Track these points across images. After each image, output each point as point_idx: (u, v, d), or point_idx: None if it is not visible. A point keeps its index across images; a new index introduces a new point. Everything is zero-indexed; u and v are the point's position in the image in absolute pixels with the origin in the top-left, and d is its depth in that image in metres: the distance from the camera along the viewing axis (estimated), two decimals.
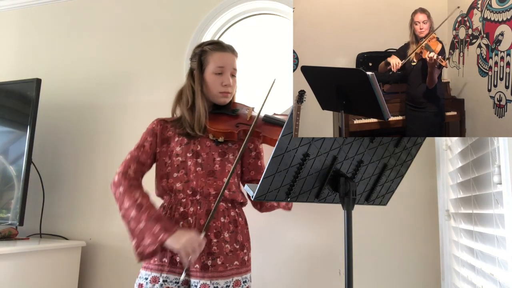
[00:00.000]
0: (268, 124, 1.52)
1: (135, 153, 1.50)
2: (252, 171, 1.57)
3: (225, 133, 1.46)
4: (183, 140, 1.50)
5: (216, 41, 1.58)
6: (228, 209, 1.47)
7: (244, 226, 1.50)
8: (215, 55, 1.52)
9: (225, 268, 1.38)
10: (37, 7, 2.63)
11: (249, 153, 1.58)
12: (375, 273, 1.78)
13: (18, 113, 2.25)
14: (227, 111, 1.55)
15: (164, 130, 1.54)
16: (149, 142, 1.52)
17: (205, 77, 1.52)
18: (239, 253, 1.43)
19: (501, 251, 0.97)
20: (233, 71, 1.55)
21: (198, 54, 1.54)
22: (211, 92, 1.52)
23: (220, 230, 1.42)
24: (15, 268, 1.81)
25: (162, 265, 1.40)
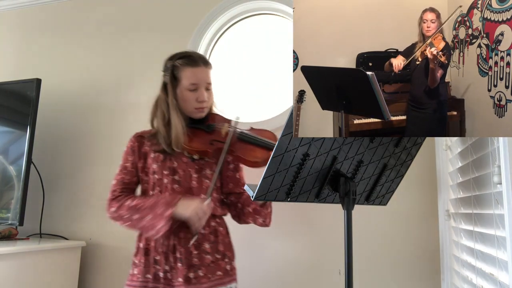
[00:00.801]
0: (242, 142, 1.47)
1: (119, 176, 1.50)
2: (230, 183, 1.54)
3: (199, 151, 1.44)
4: (159, 157, 1.47)
5: (187, 54, 1.51)
6: (208, 220, 1.43)
7: (225, 236, 1.48)
8: (187, 71, 1.46)
9: (208, 279, 1.38)
10: (37, 7, 2.63)
11: (227, 166, 1.54)
12: (375, 273, 1.78)
13: (18, 113, 2.25)
14: (203, 126, 1.51)
15: (141, 145, 1.52)
16: (130, 161, 1.51)
17: (179, 93, 1.47)
18: (221, 263, 1.42)
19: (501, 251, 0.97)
20: (208, 85, 1.49)
21: (170, 69, 1.49)
22: (186, 108, 1.48)
23: (201, 241, 1.40)
24: (15, 268, 1.81)
25: (146, 281, 1.39)
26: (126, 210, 1.41)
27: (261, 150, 1.44)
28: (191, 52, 1.54)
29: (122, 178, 1.49)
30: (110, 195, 1.47)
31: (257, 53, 2.20)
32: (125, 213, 1.41)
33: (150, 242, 1.43)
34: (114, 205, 1.44)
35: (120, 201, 1.44)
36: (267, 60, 2.17)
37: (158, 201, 1.38)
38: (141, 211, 1.38)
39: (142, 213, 1.38)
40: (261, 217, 1.45)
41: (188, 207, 1.34)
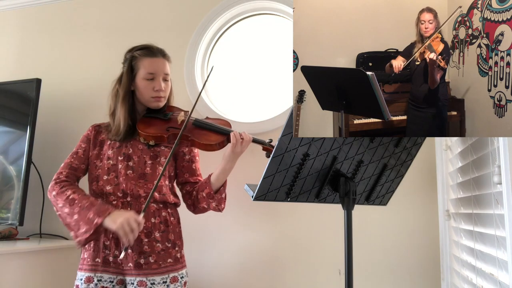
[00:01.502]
0: (198, 128, 1.53)
1: (68, 160, 1.55)
2: (186, 173, 1.59)
3: (155, 137, 1.49)
4: (115, 144, 1.53)
5: (146, 46, 1.56)
6: (159, 209, 1.49)
7: (176, 225, 1.52)
8: (145, 61, 1.52)
9: (159, 266, 1.43)
10: (37, 7, 2.63)
11: (183, 157, 1.59)
12: (375, 273, 1.78)
13: (18, 113, 2.25)
14: (159, 115, 1.56)
15: (97, 134, 1.58)
16: (82, 148, 1.56)
17: (136, 82, 1.53)
18: (172, 251, 1.47)
19: (501, 251, 0.97)
20: (165, 76, 1.54)
21: (129, 60, 1.55)
22: (144, 97, 1.53)
23: (151, 230, 1.45)
24: (15, 268, 1.81)
25: (96, 265, 1.44)
26: (63, 200, 1.44)
27: (215, 134, 1.52)
28: (150, 45, 1.58)
29: (71, 163, 1.54)
30: (55, 177, 1.51)
31: (257, 53, 2.20)
32: (60, 203, 1.45)
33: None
34: (55, 189, 1.47)
35: (62, 188, 1.47)
36: (267, 60, 2.17)
37: (92, 205, 1.40)
38: (74, 207, 1.41)
39: (73, 209, 1.41)
40: (215, 201, 1.50)
41: (117, 219, 1.34)
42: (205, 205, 1.52)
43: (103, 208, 1.39)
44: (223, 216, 1.78)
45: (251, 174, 1.54)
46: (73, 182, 1.52)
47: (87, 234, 1.36)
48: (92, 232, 1.35)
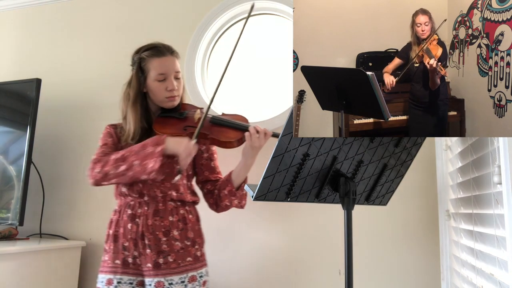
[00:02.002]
0: (215, 126, 1.50)
1: (100, 150, 1.50)
2: (206, 171, 1.57)
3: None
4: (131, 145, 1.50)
5: (153, 45, 1.53)
6: (177, 207, 1.47)
7: (195, 223, 1.51)
8: (154, 62, 1.48)
9: (178, 265, 1.41)
10: (37, 7, 2.63)
11: (201, 155, 1.57)
12: (375, 273, 1.78)
13: (18, 113, 2.25)
14: (175, 114, 1.53)
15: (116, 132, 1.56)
16: (110, 141, 1.53)
17: (148, 84, 1.50)
18: (191, 250, 1.45)
19: (501, 251, 0.97)
20: (176, 74, 1.51)
21: (137, 62, 1.51)
22: (157, 98, 1.51)
23: (169, 228, 1.44)
24: (15, 268, 1.81)
25: (116, 267, 1.43)
26: (112, 164, 1.40)
27: (233, 131, 1.49)
28: (156, 43, 1.55)
29: (103, 152, 1.49)
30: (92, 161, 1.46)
31: (257, 53, 2.20)
32: (110, 168, 1.40)
33: (119, 228, 1.46)
34: (97, 166, 1.42)
35: (103, 159, 1.43)
36: (267, 60, 2.17)
37: (146, 143, 1.40)
38: (128, 159, 1.39)
39: (128, 161, 1.38)
40: (237, 199, 1.50)
41: (179, 143, 1.38)
42: (227, 203, 1.51)
43: (156, 138, 1.40)
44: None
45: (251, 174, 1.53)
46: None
47: (157, 164, 1.35)
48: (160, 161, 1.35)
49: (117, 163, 1.39)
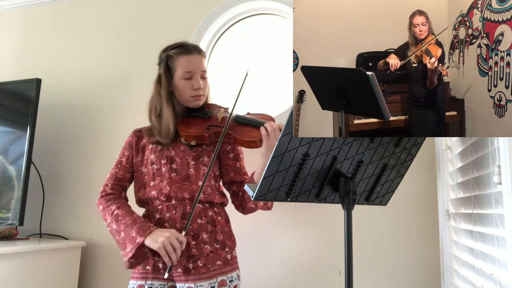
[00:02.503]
0: (239, 125, 1.49)
1: (113, 171, 1.53)
2: (231, 172, 1.55)
3: (196, 137, 1.45)
4: (157, 148, 1.50)
5: (180, 44, 1.53)
6: (205, 209, 1.45)
7: (224, 225, 1.48)
8: (182, 60, 1.48)
9: (208, 270, 1.38)
10: (37, 7, 2.63)
11: (226, 155, 1.55)
12: (375, 273, 1.78)
13: (18, 113, 2.25)
14: (199, 114, 1.53)
15: (139, 140, 1.55)
16: (126, 156, 1.54)
17: (175, 82, 1.50)
18: (221, 253, 1.42)
19: (501, 251, 0.97)
20: (203, 73, 1.51)
21: (165, 60, 1.51)
22: (183, 97, 1.50)
23: (198, 232, 1.41)
24: (15, 268, 1.81)
25: (146, 272, 1.41)
26: (110, 216, 1.43)
27: (257, 130, 1.45)
28: (184, 42, 1.55)
29: (116, 173, 1.52)
30: (101, 189, 1.50)
31: (257, 53, 2.20)
32: (108, 218, 1.43)
33: None
34: (101, 204, 1.46)
35: (108, 202, 1.46)
36: (267, 60, 2.17)
37: (134, 223, 1.37)
38: (119, 224, 1.40)
39: (119, 226, 1.40)
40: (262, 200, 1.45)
41: (158, 238, 1.31)
42: (252, 205, 1.49)
43: (145, 226, 1.36)
44: None
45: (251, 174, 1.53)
46: (119, 194, 1.50)
47: (131, 253, 1.33)
48: (135, 252, 1.33)
49: (112, 218, 1.42)
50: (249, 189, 1.08)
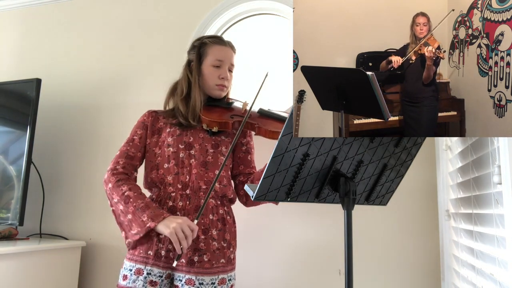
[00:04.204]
0: (263, 117, 1.54)
1: (124, 148, 1.50)
2: (241, 165, 1.58)
3: (219, 123, 1.46)
4: (175, 131, 1.49)
5: (216, 35, 1.61)
6: (217, 206, 1.46)
7: (232, 225, 1.50)
8: (215, 48, 1.55)
9: (211, 265, 1.39)
10: (37, 7, 2.63)
11: (240, 147, 1.59)
12: (375, 273, 1.78)
13: (18, 113, 2.25)
14: (222, 104, 1.57)
15: (155, 121, 1.54)
16: (138, 135, 1.52)
17: (203, 69, 1.54)
18: (226, 251, 1.43)
19: (501, 251, 0.97)
20: (231, 66, 1.57)
21: (197, 47, 1.57)
22: (208, 84, 1.54)
23: (208, 227, 1.42)
24: (15, 268, 1.81)
25: (147, 257, 1.38)
26: (118, 196, 1.40)
27: (279, 123, 1.51)
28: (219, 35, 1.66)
29: (127, 151, 1.49)
30: (111, 166, 1.46)
31: (257, 53, 2.20)
32: (116, 197, 1.40)
33: None
34: (111, 181, 1.43)
35: (119, 181, 1.42)
36: (267, 60, 2.17)
37: (147, 207, 1.36)
38: (128, 206, 1.37)
39: (127, 208, 1.37)
40: None
41: (170, 224, 1.30)
42: None
43: (158, 212, 1.35)
44: None
45: None
46: (130, 174, 1.48)
47: (137, 236, 1.33)
48: (143, 235, 1.33)
49: (121, 199, 1.39)
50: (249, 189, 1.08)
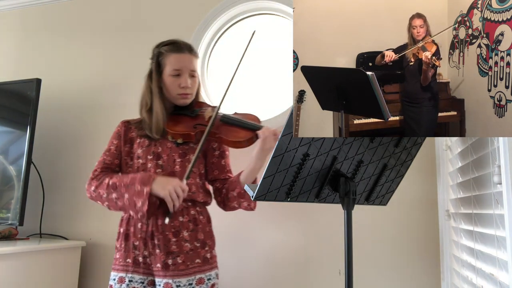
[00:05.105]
0: (226, 125, 1.50)
1: (101, 158, 1.55)
2: (215, 170, 1.56)
3: (182, 135, 1.46)
4: (145, 142, 1.51)
5: (173, 41, 1.55)
6: (187, 208, 1.47)
7: (206, 224, 1.50)
8: (171, 57, 1.51)
9: (186, 267, 1.40)
10: (37, 7, 2.63)
11: (212, 153, 1.57)
12: (375, 273, 1.78)
13: (18, 113, 2.25)
14: (187, 112, 1.54)
15: (127, 131, 1.57)
16: (114, 145, 1.56)
17: (163, 78, 1.52)
18: (200, 251, 1.44)
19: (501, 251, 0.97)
20: (192, 72, 1.53)
21: (156, 56, 1.54)
22: (170, 94, 1.52)
23: (179, 229, 1.43)
24: (15, 268, 1.81)
25: (127, 265, 1.44)
26: (105, 188, 1.43)
27: (243, 130, 1.47)
28: (177, 40, 1.57)
29: (104, 160, 1.53)
30: (91, 175, 1.51)
31: (257, 53, 2.20)
32: (104, 192, 1.44)
33: (129, 227, 1.47)
34: (93, 184, 1.47)
35: (100, 179, 1.47)
36: (267, 60, 2.17)
37: (135, 179, 1.40)
38: (119, 189, 1.41)
39: (119, 191, 1.40)
40: (246, 201, 1.47)
41: (165, 185, 1.35)
42: (235, 205, 1.49)
43: (145, 176, 1.39)
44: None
45: None
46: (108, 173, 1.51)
47: (145, 205, 1.35)
48: (148, 202, 1.35)
49: (108, 189, 1.42)
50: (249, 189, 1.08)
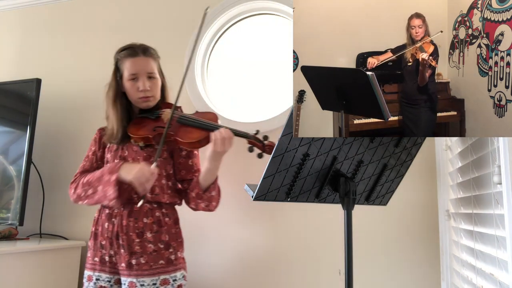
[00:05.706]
0: (183, 126, 1.47)
1: (81, 165, 1.60)
2: (182, 170, 1.55)
3: (142, 138, 1.47)
4: (113, 147, 1.54)
5: (129, 46, 1.55)
6: (152, 209, 1.47)
7: (172, 226, 1.49)
8: (127, 62, 1.51)
9: (150, 267, 1.41)
10: (37, 7, 2.63)
11: (179, 153, 1.55)
12: (375, 273, 1.78)
13: (18, 113, 2.25)
14: (149, 115, 1.53)
15: (101, 137, 1.60)
16: (92, 151, 1.61)
17: (124, 84, 1.53)
18: (164, 253, 1.44)
19: (501, 251, 0.97)
20: (150, 74, 1.51)
21: (115, 62, 1.57)
22: (132, 98, 1.53)
23: (143, 230, 1.44)
24: (15, 268, 1.81)
25: (94, 264, 1.48)
26: (81, 188, 1.48)
27: (197, 131, 1.45)
28: (133, 44, 1.56)
29: (83, 166, 1.59)
30: (72, 179, 1.55)
31: (257, 53, 2.20)
32: (81, 191, 1.48)
33: (98, 227, 1.51)
34: (72, 187, 1.52)
35: (77, 181, 1.52)
36: (267, 60, 2.17)
37: (103, 170, 1.45)
38: (92, 184, 1.45)
39: (93, 186, 1.45)
40: (203, 202, 1.47)
41: (131, 170, 1.38)
42: (193, 206, 1.51)
43: (112, 165, 1.44)
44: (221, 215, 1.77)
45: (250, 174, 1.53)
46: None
47: (114, 194, 1.38)
48: (117, 190, 1.38)
49: (84, 187, 1.48)
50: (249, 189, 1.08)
